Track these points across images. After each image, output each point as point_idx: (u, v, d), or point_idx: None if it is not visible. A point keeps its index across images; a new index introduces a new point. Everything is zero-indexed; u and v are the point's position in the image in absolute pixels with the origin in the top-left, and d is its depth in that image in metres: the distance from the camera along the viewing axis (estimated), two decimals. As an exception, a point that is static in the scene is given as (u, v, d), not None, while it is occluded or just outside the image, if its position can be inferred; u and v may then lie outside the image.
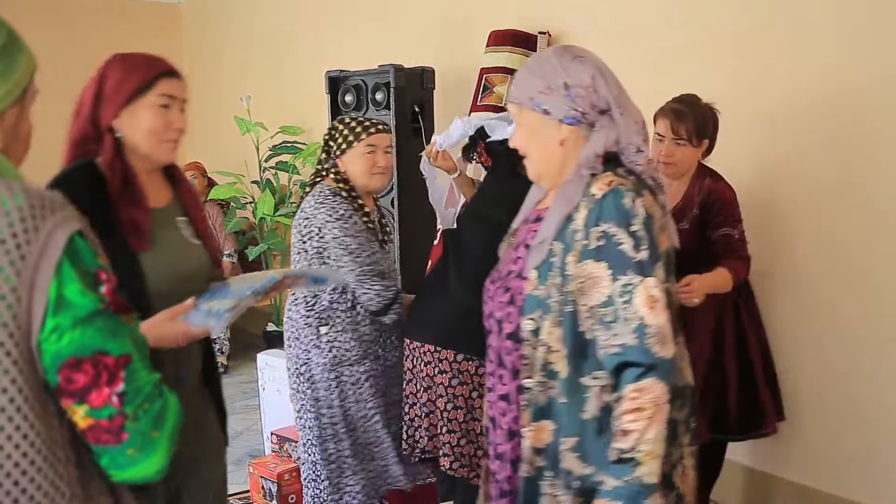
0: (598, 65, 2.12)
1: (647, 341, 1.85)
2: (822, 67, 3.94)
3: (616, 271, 1.89)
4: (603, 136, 2.03)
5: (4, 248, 1.29)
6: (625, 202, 1.91)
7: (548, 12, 5.26)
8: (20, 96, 1.51)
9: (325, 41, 7.28)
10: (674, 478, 2.03)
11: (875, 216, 3.81)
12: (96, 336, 1.37)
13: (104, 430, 1.39)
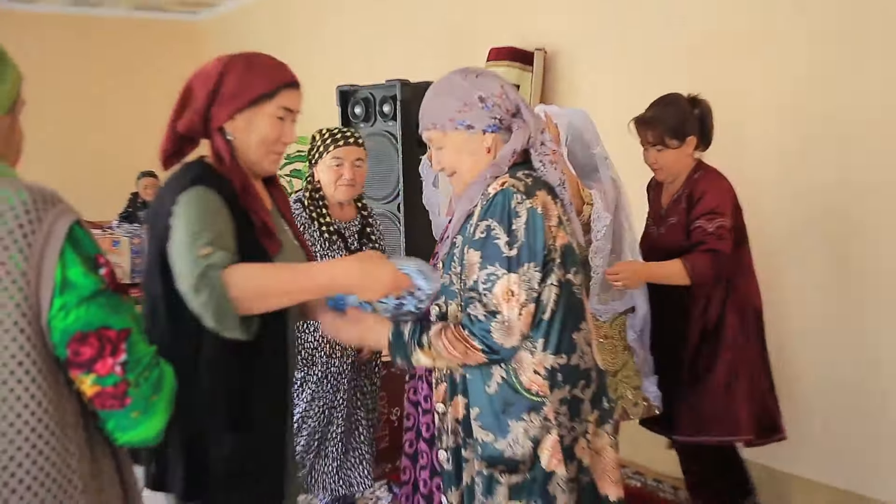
0: (499, 76, 2.20)
1: (493, 327, 1.97)
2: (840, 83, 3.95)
3: (486, 261, 2.01)
4: (521, 134, 2.13)
5: (12, 237, 1.37)
6: (511, 203, 2.01)
7: (543, 31, 5.31)
8: (10, 107, 1.55)
9: (336, 57, 7.29)
10: (575, 449, 2.09)
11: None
12: (99, 313, 1.44)
13: (110, 395, 1.45)
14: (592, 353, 2.16)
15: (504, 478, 2.05)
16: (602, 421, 2.19)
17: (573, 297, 2.11)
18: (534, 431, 2.04)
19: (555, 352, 2.06)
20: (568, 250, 2.10)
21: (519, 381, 2.06)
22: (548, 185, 2.13)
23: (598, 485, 2.16)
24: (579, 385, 2.10)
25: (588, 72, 5.16)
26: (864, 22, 3.71)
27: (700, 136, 3.46)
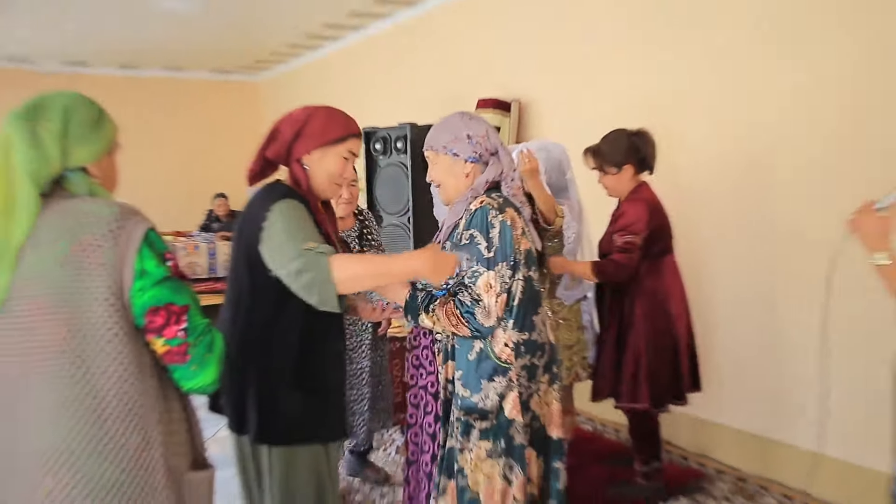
0: (487, 122, 2.25)
1: (477, 312, 2.06)
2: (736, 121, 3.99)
3: (476, 262, 2.09)
4: (494, 168, 2.20)
5: (105, 238, 1.44)
6: (488, 217, 2.09)
7: (518, 86, 5.29)
8: (109, 150, 1.61)
9: (361, 106, 7.07)
10: (530, 403, 2.18)
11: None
12: (166, 293, 1.49)
13: (175, 353, 1.51)
14: (547, 332, 2.24)
15: (477, 423, 2.14)
16: (552, 382, 2.26)
17: (533, 289, 2.19)
18: (500, 389, 2.13)
19: (519, 330, 2.15)
20: (529, 253, 2.17)
21: (493, 350, 2.13)
22: (513, 205, 2.19)
23: (547, 428, 2.23)
24: (536, 355, 2.18)
25: (552, 117, 5.14)
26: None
27: (636, 164, 3.33)
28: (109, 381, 1.45)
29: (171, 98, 9.60)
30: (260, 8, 6.42)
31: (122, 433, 1.46)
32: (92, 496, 1.43)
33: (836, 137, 3.35)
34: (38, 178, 1.45)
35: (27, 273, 1.42)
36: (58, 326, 1.42)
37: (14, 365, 1.44)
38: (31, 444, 1.43)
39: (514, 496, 2.11)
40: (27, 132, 1.46)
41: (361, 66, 7.51)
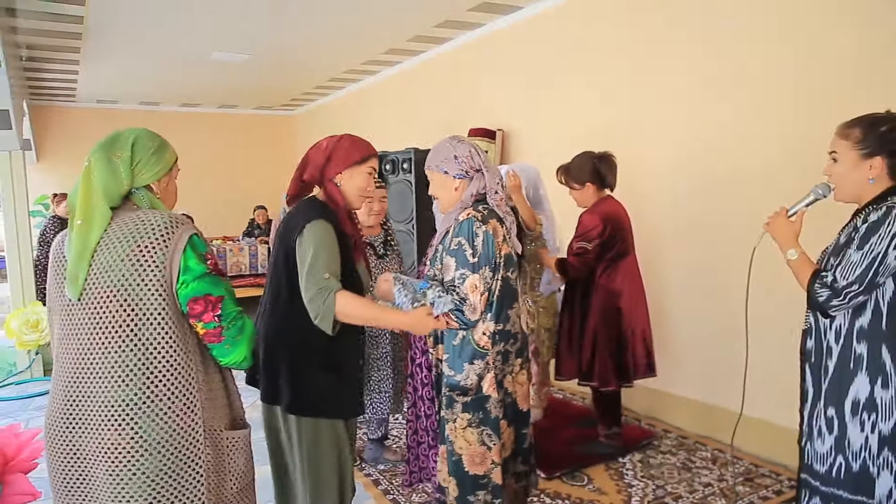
0: (472, 144, 2.16)
1: (464, 308, 2.02)
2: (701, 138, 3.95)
3: (459, 265, 2.03)
4: (478, 183, 2.11)
5: (158, 241, 1.50)
6: (473, 227, 2.03)
7: (502, 117, 5.27)
8: (168, 172, 1.65)
9: (374, 134, 7.14)
10: (504, 383, 2.13)
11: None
12: (205, 286, 1.54)
13: (212, 335, 1.57)
14: (520, 323, 2.18)
15: (459, 398, 2.11)
16: (523, 365, 2.21)
17: (510, 287, 2.14)
18: (479, 371, 2.10)
19: (496, 321, 2.10)
20: (508, 257, 2.12)
21: (473, 338, 2.10)
22: (497, 215, 2.12)
23: (518, 402, 2.21)
24: (509, 343, 2.15)
25: (530, 143, 5.10)
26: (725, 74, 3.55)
27: (597, 183, 3.25)
28: (159, 355, 1.50)
29: (223, 130, 9.61)
30: (293, 59, 6.48)
31: (169, 397, 1.50)
32: (145, 447, 1.48)
33: (761, 156, 3.34)
34: (110, 195, 1.53)
35: (99, 268, 1.49)
36: (121, 309, 1.48)
37: (86, 339, 1.50)
38: (96, 403, 1.48)
39: (493, 459, 2.10)
40: (104, 160, 1.55)
41: (375, 102, 7.50)
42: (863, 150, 1.77)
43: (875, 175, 1.77)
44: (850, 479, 1.78)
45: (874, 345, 1.73)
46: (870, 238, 1.69)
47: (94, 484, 1.50)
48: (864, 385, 1.74)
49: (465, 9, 4.88)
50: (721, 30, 3.49)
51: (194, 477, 1.54)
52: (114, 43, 5.65)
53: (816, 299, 1.77)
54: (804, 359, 1.93)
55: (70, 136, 8.70)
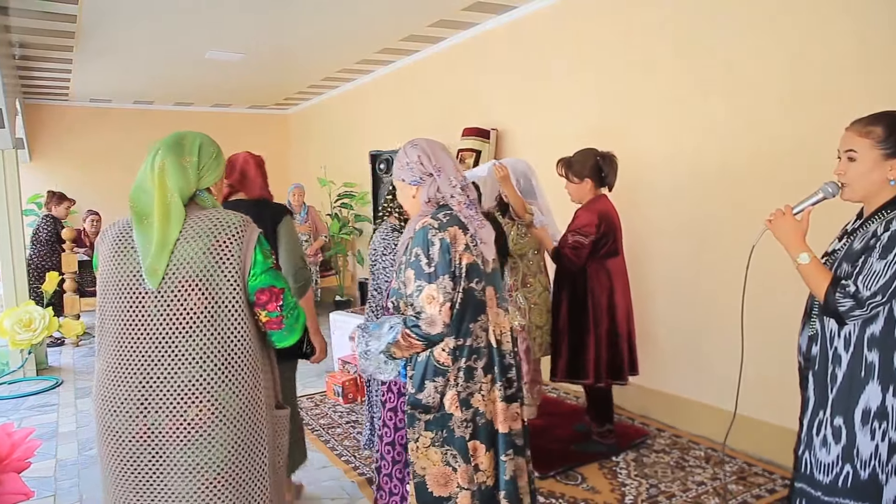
0: (424, 148, 2.03)
1: (421, 322, 1.88)
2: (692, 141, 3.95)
3: (416, 277, 1.89)
4: (428, 188, 2.00)
5: (234, 238, 1.63)
6: (428, 235, 1.90)
7: (496, 117, 5.26)
8: (223, 177, 1.82)
9: (369, 133, 7.22)
10: (471, 401, 1.97)
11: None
12: (270, 278, 1.68)
13: (274, 322, 1.70)
14: (487, 337, 2.01)
15: (422, 416, 1.97)
16: (495, 381, 2.02)
17: (475, 299, 1.97)
18: (440, 388, 1.95)
19: (455, 336, 1.94)
20: (472, 267, 1.95)
21: (434, 355, 1.94)
22: (460, 222, 1.97)
23: (494, 422, 2.02)
24: (472, 359, 1.97)
25: (523, 142, 5.10)
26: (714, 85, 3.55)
27: (595, 180, 3.24)
28: (235, 338, 1.63)
29: (216, 129, 9.30)
30: (287, 58, 6.46)
31: (243, 375, 1.64)
32: (223, 421, 1.60)
33: (754, 155, 3.34)
34: (183, 195, 1.65)
35: (178, 260, 1.60)
36: (200, 297, 1.59)
37: (167, 325, 1.59)
38: (177, 382, 1.58)
39: (458, 483, 1.95)
40: (177, 163, 1.66)
41: (369, 102, 7.48)
42: (886, 150, 1.71)
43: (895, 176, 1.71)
44: (856, 488, 1.73)
45: (886, 353, 1.68)
46: (893, 247, 1.63)
47: (170, 459, 1.59)
48: (875, 393, 1.69)
49: (458, 8, 4.87)
50: (713, 28, 3.50)
51: (260, 448, 1.69)
52: (107, 41, 5.62)
53: (837, 308, 1.69)
54: (807, 365, 1.87)
55: (63, 135, 8.64)
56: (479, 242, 2.00)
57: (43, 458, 3.56)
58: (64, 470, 3.43)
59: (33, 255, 6.47)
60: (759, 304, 2.88)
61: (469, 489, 1.94)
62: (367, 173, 5.89)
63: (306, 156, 9.36)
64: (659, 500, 2.92)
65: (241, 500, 1.63)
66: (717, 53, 3.48)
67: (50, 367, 5.57)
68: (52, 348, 6.11)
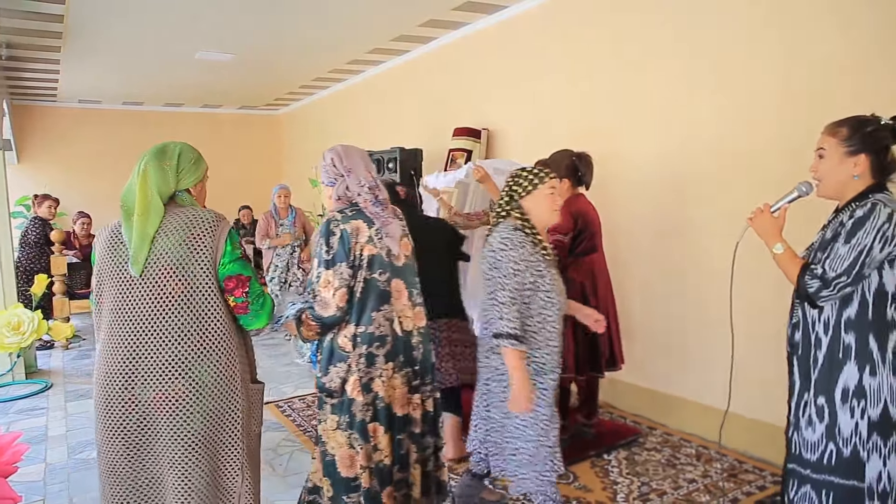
0: (339, 151, 2.18)
1: (315, 304, 2.05)
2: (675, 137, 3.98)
3: (318, 264, 2.06)
4: (337, 188, 2.15)
5: (207, 232, 1.86)
6: (330, 227, 2.06)
7: (487, 117, 5.26)
8: (202, 179, 2.01)
9: (359, 133, 7.21)
10: (372, 386, 2.08)
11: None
12: (238, 267, 1.90)
13: (240, 307, 1.91)
14: (392, 326, 2.12)
15: (328, 400, 2.12)
16: (398, 369, 2.14)
17: (378, 289, 2.10)
18: (342, 374, 2.09)
19: (356, 324, 2.08)
20: (375, 258, 2.09)
21: (336, 342, 2.10)
22: (366, 217, 2.11)
23: (393, 406, 2.15)
24: (374, 345, 2.09)
25: (514, 142, 5.10)
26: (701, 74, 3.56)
27: (572, 179, 3.29)
28: (209, 318, 1.85)
29: (206, 129, 9.51)
30: (278, 59, 6.44)
31: (217, 352, 1.85)
32: (199, 393, 1.82)
33: (741, 155, 3.35)
34: (162, 194, 1.88)
35: (158, 251, 1.82)
36: (178, 283, 1.82)
37: (149, 307, 1.81)
38: (158, 359, 1.80)
39: (360, 463, 2.07)
40: (158, 167, 1.89)
41: (360, 102, 7.47)
42: (849, 148, 1.85)
43: (859, 172, 1.84)
44: (841, 465, 1.83)
45: (861, 334, 1.80)
46: (856, 232, 1.76)
47: (152, 425, 1.82)
48: (853, 373, 1.80)
49: (449, 8, 4.87)
50: (703, 29, 3.51)
51: (235, 416, 1.90)
52: (95, 42, 5.58)
53: (806, 290, 1.82)
54: (792, 351, 1.97)
55: (52, 136, 8.58)
56: (385, 236, 2.11)
57: (32, 462, 3.52)
58: (53, 474, 3.40)
59: (21, 258, 6.41)
60: (747, 300, 2.90)
61: (368, 467, 2.09)
62: (358, 173, 5.87)
63: (297, 157, 9.33)
64: (650, 497, 2.92)
65: (218, 461, 1.88)
66: (706, 54, 3.50)
67: (39, 370, 5.53)
68: (41, 351, 6.05)
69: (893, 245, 1.75)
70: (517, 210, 2.35)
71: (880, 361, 1.79)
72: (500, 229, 2.31)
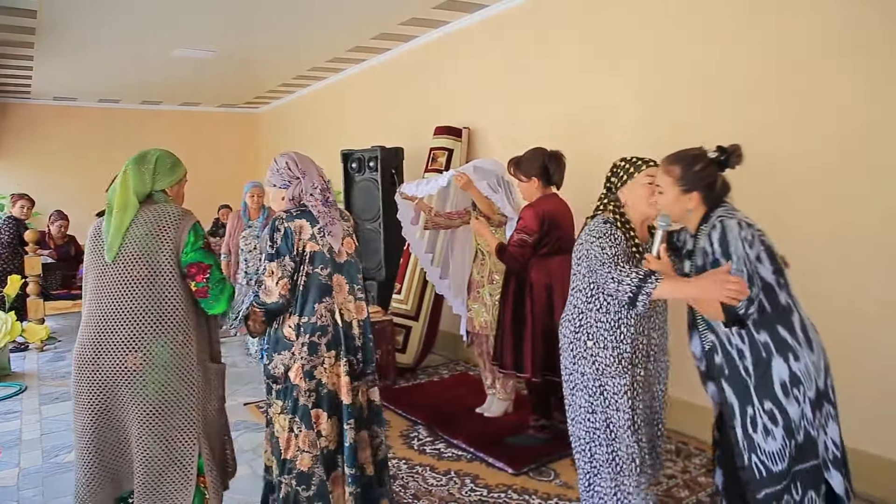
0: (292, 156, 2.32)
1: (260, 292, 2.21)
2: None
3: (265, 258, 2.22)
4: (291, 190, 2.29)
5: (171, 225, 2.12)
6: (276, 224, 2.22)
7: (468, 116, 5.26)
8: (179, 182, 2.26)
9: (341, 133, 7.19)
10: (314, 373, 2.24)
11: None
12: (200, 256, 2.14)
13: (201, 292, 2.14)
14: (333, 318, 2.27)
15: (274, 386, 2.28)
16: (339, 357, 2.28)
17: (320, 283, 2.25)
18: (286, 361, 2.24)
19: (299, 315, 2.24)
20: (317, 254, 2.25)
21: (282, 331, 2.26)
22: (311, 217, 2.26)
23: (338, 393, 2.29)
24: (316, 335, 2.24)
25: (495, 141, 5.10)
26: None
27: (542, 178, 3.28)
28: (168, 300, 2.08)
29: (185, 128, 9.39)
30: (258, 56, 6.38)
31: (173, 330, 2.08)
32: (154, 368, 2.05)
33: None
34: (139, 194, 2.15)
35: (129, 240, 2.09)
36: (143, 268, 2.08)
37: (117, 289, 2.07)
38: (120, 334, 2.05)
39: (300, 446, 2.23)
40: (137, 170, 2.17)
41: (341, 100, 7.44)
42: (683, 187, 2.02)
43: (693, 206, 2.02)
44: (801, 452, 1.90)
45: (771, 328, 1.91)
46: (728, 250, 1.89)
47: (115, 392, 2.06)
48: (781, 366, 1.90)
49: (430, 6, 4.86)
50: (680, 29, 3.53)
51: (190, 391, 2.11)
52: (70, 37, 5.48)
53: (736, 313, 1.87)
54: (716, 376, 2.00)
55: (26, 133, 8.42)
56: (328, 235, 2.25)
57: (5, 467, 3.45)
58: (27, 478, 3.33)
59: (-5, 257, 6.28)
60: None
61: (310, 452, 2.23)
62: (338, 172, 5.83)
63: (278, 155, 9.27)
64: (631, 494, 2.93)
65: (172, 431, 2.08)
66: (684, 54, 3.52)
67: (13, 373, 5.41)
68: (15, 354, 5.93)
69: (756, 245, 1.90)
70: (613, 202, 2.26)
71: (796, 344, 1.90)
72: (592, 224, 2.23)
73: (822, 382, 1.93)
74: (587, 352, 2.24)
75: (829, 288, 2.91)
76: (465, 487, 3.05)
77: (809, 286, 2.32)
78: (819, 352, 1.95)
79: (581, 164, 3.50)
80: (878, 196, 2.79)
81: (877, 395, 2.82)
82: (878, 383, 2.83)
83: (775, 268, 1.93)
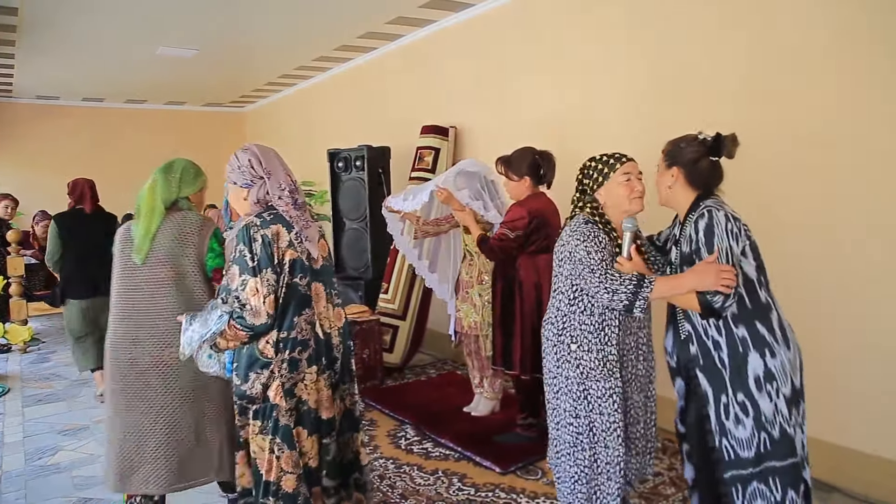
0: (256, 153, 2.12)
1: (245, 314, 1.96)
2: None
3: (241, 272, 1.98)
4: (256, 190, 2.08)
5: (194, 231, 2.37)
6: (250, 232, 2.00)
7: (455, 115, 5.24)
8: (201, 190, 2.52)
9: (327, 132, 7.15)
10: (295, 390, 2.07)
11: None
12: (221, 262, 2.36)
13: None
14: (314, 330, 2.11)
15: (250, 406, 2.09)
16: (321, 372, 2.13)
17: (299, 294, 2.07)
18: (263, 380, 2.05)
19: (279, 329, 2.04)
20: (296, 263, 2.05)
21: (258, 348, 2.05)
22: (285, 221, 2.06)
23: (318, 410, 2.13)
24: (296, 350, 2.06)
25: (482, 140, 5.09)
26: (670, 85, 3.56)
27: (533, 178, 3.28)
28: (194, 298, 2.32)
29: (170, 127, 9.29)
30: (243, 55, 6.33)
31: None
32: (188, 360, 2.14)
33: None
34: (166, 201, 2.39)
35: (157, 245, 2.32)
36: (170, 270, 2.32)
37: (148, 289, 2.31)
38: (157, 329, 2.29)
39: (282, 468, 2.06)
40: (164, 179, 2.41)
41: (327, 99, 7.39)
42: (666, 162, 2.10)
43: (671, 182, 2.07)
44: (776, 448, 1.92)
45: (749, 323, 1.94)
46: (712, 240, 1.91)
47: (148, 381, 2.29)
48: (757, 361, 1.93)
49: (416, 5, 4.84)
50: (670, 29, 3.54)
51: (214, 382, 2.32)
52: (52, 36, 5.40)
53: (713, 305, 1.90)
54: (691, 365, 2.04)
55: (8, 133, 8.29)
56: (304, 240, 2.08)
57: (-13, 470, 3.40)
58: (9, 482, 3.28)
59: (-22, 259, 6.18)
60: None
61: (294, 472, 2.06)
62: (325, 172, 5.79)
63: (264, 154, 9.19)
64: (618, 492, 2.93)
65: (202, 416, 2.34)
66: (673, 53, 3.53)
67: (-5, 374, 5.34)
68: (-3, 355, 5.85)
69: (742, 239, 1.93)
70: (590, 204, 2.22)
71: (773, 341, 1.93)
72: (573, 223, 2.20)
73: (798, 381, 1.96)
74: (571, 355, 2.21)
75: (815, 288, 2.92)
76: (452, 487, 3.05)
77: (792, 285, 2.32)
78: (795, 350, 1.98)
79: (567, 163, 3.49)
80: (862, 196, 2.81)
81: (877, 395, 2.84)
82: (873, 383, 2.85)
83: (758, 264, 1.97)
